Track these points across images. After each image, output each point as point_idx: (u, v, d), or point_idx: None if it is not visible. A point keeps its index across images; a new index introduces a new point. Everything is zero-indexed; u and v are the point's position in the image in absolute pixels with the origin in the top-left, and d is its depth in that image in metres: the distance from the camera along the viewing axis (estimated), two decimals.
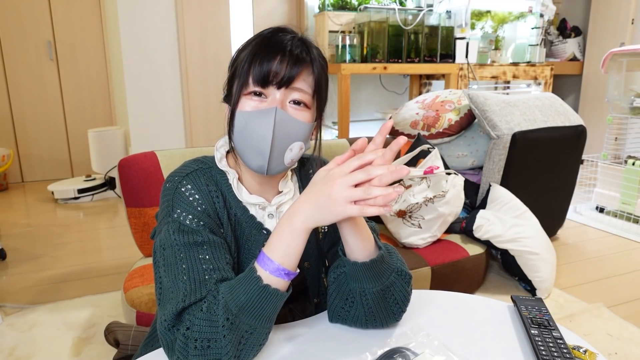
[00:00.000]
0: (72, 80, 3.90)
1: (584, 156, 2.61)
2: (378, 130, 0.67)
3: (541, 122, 2.16)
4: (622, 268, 2.17)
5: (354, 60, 3.03)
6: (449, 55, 3.23)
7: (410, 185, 1.82)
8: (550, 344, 0.68)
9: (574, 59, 4.06)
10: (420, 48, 3.16)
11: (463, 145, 2.27)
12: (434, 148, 1.94)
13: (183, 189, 0.76)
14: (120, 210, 3.17)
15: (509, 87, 3.61)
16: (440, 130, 2.22)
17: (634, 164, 2.67)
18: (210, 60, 3.34)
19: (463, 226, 1.92)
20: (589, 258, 2.30)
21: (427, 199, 1.76)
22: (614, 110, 2.85)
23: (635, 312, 1.78)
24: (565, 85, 4.33)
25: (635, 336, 1.60)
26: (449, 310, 0.82)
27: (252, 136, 0.74)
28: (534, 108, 2.22)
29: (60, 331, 1.64)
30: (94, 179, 3.47)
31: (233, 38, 3.43)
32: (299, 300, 0.93)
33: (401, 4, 3.42)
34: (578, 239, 2.56)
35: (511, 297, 0.83)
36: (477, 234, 1.86)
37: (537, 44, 3.45)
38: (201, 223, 0.74)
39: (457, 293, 0.88)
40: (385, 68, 3.03)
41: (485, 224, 1.86)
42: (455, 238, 1.91)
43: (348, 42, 2.98)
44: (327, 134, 3.60)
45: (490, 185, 2.09)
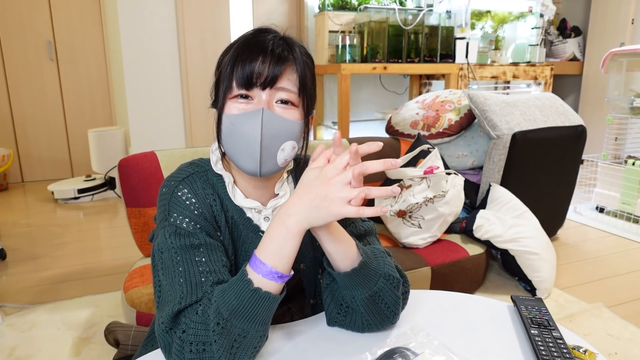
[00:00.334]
0: (72, 80, 3.90)
1: (584, 156, 2.61)
2: (332, 143, 0.68)
3: (541, 122, 2.16)
4: (622, 268, 2.17)
5: (354, 60, 3.03)
6: (449, 55, 3.23)
7: (410, 185, 1.82)
8: (550, 344, 0.68)
9: (574, 59, 4.06)
10: (420, 48, 3.16)
11: (463, 145, 2.27)
12: (434, 148, 1.94)
13: (179, 193, 0.76)
14: (120, 210, 3.17)
15: (509, 87, 3.61)
16: (440, 130, 2.22)
17: (634, 164, 2.67)
18: (210, 60, 3.34)
19: (463, 226, 1.92)
20: (589, 258, 2.30)
21: (427, 199, 1.76)
22: (614, 110, 2.85)
23: (635, 312, 1.78)
24: (565, 85, 4.33)
25: (635, 336, 1.60)
26: (449, 310, 0.82)
27: (241, 139, 0.73)
28: (534, 108, 2.22)
29: (60, 331, 1.64)
30: (94, 179, 3.47)
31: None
32: (297, 299, 0.93)
33: (401, 4, 3.42)
34: (578, 239, 2.56)
35: (511, 297, 0.83)
36: (477, 234, 1.86)
37: (537, 44, 3.45)
38: (198, 226, 0.74)
39: (457, 293, 0.89)
40: (385, 68, 3.03)
41: (485, 224, 1.86)
42: (455, 238, 1.91)
43: (348, 42, 2.98)
44: (327, 133, 3.61)
45: (490, 185, 2.09)
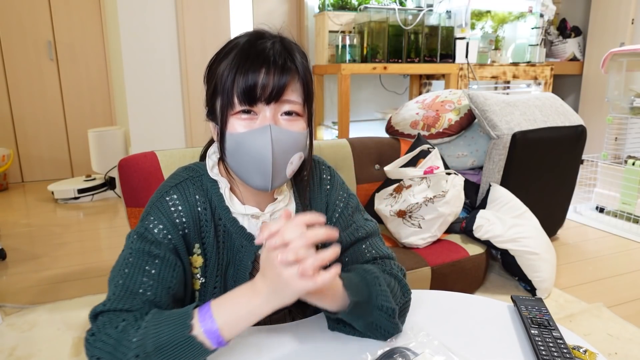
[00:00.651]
0: (72, 80, 3.90)
1: (584, 156, 2.61)
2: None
3: (541, 122, 2.16)
4: (622, 268, 2.17)
5: (354, 60, 3.03)
6: (449, 55, 3.23)
7: (410, 185, 1.82)
8: (550, 344, 0.68)
9: (574, 59, 4.06)
10: (420, 48, 3.16)
11: (463, 145, 2.27)
12: (434, 148, 1.94)
13: (167, 198, 0.75)
14: (120, 210, 3.17)
15: (509, 87, 3.61)
16: (440, 130, 2.22)
17: (634, 164, 2.67)
18: None
19: (463, 226, 1.92)
20: (589, 258, 2.30)
21: (427, 199, 1.76)
22: (614, 110, 2.85)
23: (635, 312, 1.78)
24: (565, 85, 4.33)
25: (635, 336, 1.60)
26: (449, 310, 0.82)
27: (250, 158, 0.71)
28: (534, 108, 2.22)
29: (60, 331, 1.64)
30: (94, 179, 3.47)
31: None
32: (298, 300, 0.93)
33: (401, 4, 3.42)
34: (578, 239, 2.56)
35: (511, 297, 0.83)
36: (477, 234, 1.86)
37: (537, 44, 3.45)
38: (169, 236, 0.72)
39: (457, 293, 0.88)
40: (385, 68, 3.03)
41: (485, 224, 1.86)
42: (455, 238, 1.91)
43: (348, 42, 2.98)
44: (327, 134, 3.61)
45: (490, 185, 2.09)
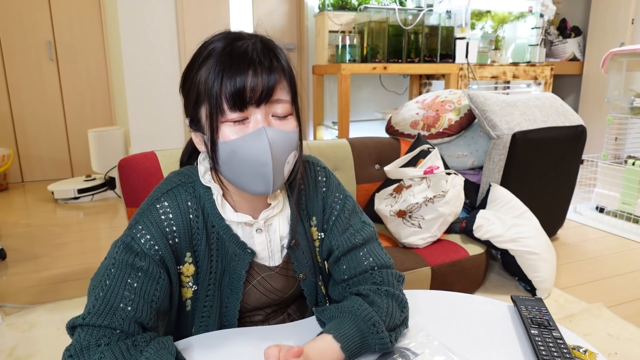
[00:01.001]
0: (72, 80, 3.90)
1: (584, 156, 2.61)
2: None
3: (541, 122, 2.16)
4: (622, 268, 2.17)
5: (354, 60, 3.03)
6: (449, 55, 3.23)
7: (410, 185, 1.82)
8: (550, 344, 0.68)
9: (574, 59, 4.06)
10: (420, 48, 3.16)
11: (463, 145, 2.27)
12: (434, 148, 1.94)
13: (158, 205, 0.73)
14: (120, 210, 3.17)
15: (509, 87, 3.61)
16: (440, 130, 2.22)
17: (634, 164, 2.67)
18: None
19: (463, 226, 1.92)
20: (589, 258, 2.30)
21: (427, 199, 1.76)
22: (614, 110, 2.85)
23: (635, 312, 1.78)
24: (565, 85, 4.33)
25: (635, 336, 1.60)
26: (449, 310, 0.82)
27: (247, 164, 0.68)
28: (534, 108, 2.22)
29: (60, 331, 1.64)
30: (94, 179, 3.47)
31: None
32: (297, 305, 0.92)
33: (401, 4, 3.42)
34: (578, 239, 2.56)
35: (511, 297, 0.83)
36: (477, 234, 1.86)
37: (537, 44, 3.45)
38: (156, 247, 0.71)
39: (457, 293, 0.88)
40: (385, 68, 3.03)
41: (485, 224, 1.85)
42: (455, 238, 1.91)
43: (348, 42, 2.98)
44: (327, 134, 3.61)
45: (490, 185, 2.09)
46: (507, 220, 1.88)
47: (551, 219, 2.39)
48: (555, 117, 2.24)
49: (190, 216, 0.74)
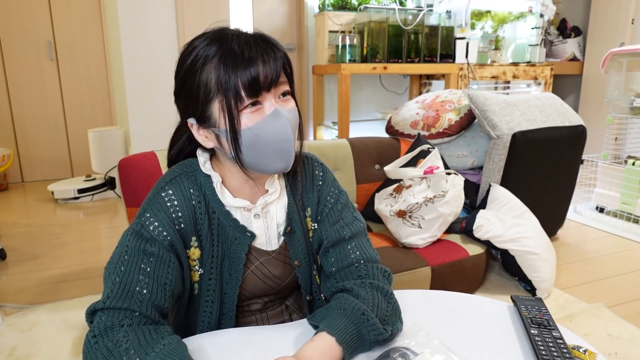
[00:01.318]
0: (72, 80, 3.90)
1: (584, 156, 2.61)
2: None
3: (541, 122, 2.16)
4: (622, 268, 2.17)
5: (354, 60, 3.03)
6: (449, 55, 3.23)
7: (410, 185, 1.82)
8: (550, 344, 0.68)
9: (574, 59, 4.06)
10: (420, 48, 3.16)
11: (463, 145, 2.27)
12: (434, 148, 1.94)
13: (163, 194, 0.77)
14: (120, 210, 3.17)
15: (509, 87, 3.61)
16: (440, 130, 2.22)
17: (634, 164, 2.67)
18: None
19: (463, 226, 1.92)
20: (589, 258, 2.30)
21: (427, 199, 1.76)
22: (614, 110, 2.85)
23: (635, 312, 1.78)
24: (565, 85, 4.33)
25: (635, 336, 1.60)
26: (449, 310, 0.82)
27: (271, 144, 0.74)
28: (534, 108, 2.22)
29: (60, 331, 1.64)
30: (94, 179, 3.47)
31: None
32: (294, 296, 0.94)
33: (401, 4, 3.42)
34: (578, 239, 2.56)
35: (511, 297, 0.83)
36: (477, 234, 1.86)
37: (537, 44, 3.45)
38: (164, 233, 0.74)
39: (457, 293, 0.88)
40: (385, 68, 3.03)
41: (485, 224, 1.85)
42: (455, 238, 1.91)
43: (348, 42, 2.98)
44: (327, 134, 3.61)
45: (490, 185, 2.09)
46: (507, 220, 1.88)
47: (551, 219, 2.39)
48: (555, 117, 2.24)
49: (193, 202, 0.79)
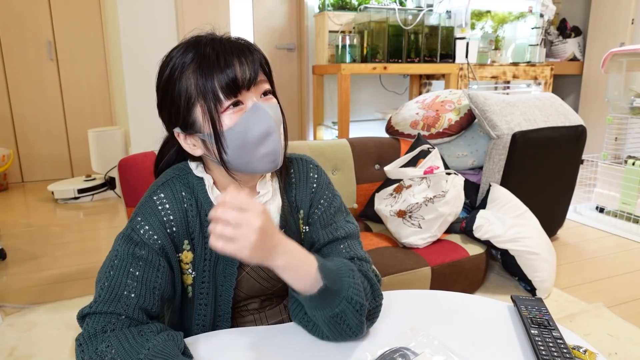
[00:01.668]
0: (72, 80, 3.90)
1: (584, 156, 2.61)
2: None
3: (541, 122, 2.16)
4: (622, 268, 2.17)
5: (354, 60, 3.03)
6: (449, 55, 3.23)
7: (410, 185, 1.82)
8: (550, 344, 0.68)
9: (574, 59, 4.06)
10: (420, 48, 3.16)
11: (463, 145, 2.27)
12: (434, 148, 1.94)
13: (155, 197, 0.78)
14: (120, 210, 3.17)
15: (509, 87, 3.61)
16: (440, 130, 2.22)
17: (634, 164, 2.67)
18: None
19: (463, 226, 1.92)
20: (589, 258, 2.30)
21: (427, 199, 1.76)
22: (614, 110, 2.85)
23: (635, 312, 1.78)
24: (565, 85, 4.33)
25: (635, 336, 1.60)
26: (449, 310, 0.82)
27: (257, 140, 0.73)
28: (534, 108, 2.22)
29: (60, 331, 1.64)
30: (94, 179, 3.47)
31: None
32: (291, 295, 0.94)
33: (401, 4, 3.42)
34: (578, 239, 2.56)
35: (511, 297, 0.83)
36: (477, 234, 1.86)
37: (537, 44, 3.45)
38: (155, 237, 0.74)
39: (457, 293, 0.88)
40: (385, 68, 3.03)
41: (485, 224, 1.86)
42: (455, 238, 1.91)
43: (348, 42, 2.98)
44: (327, 134, 3.61)
45: (490, 185, 2.09)
46: (507, 220, 1.88)
47: (551, 219, 2.39)
48: (555, 117, 2.24)
49: (185, 206, 0.79)
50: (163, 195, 0.78)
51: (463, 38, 3.15)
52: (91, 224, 2.89)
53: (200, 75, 0.71)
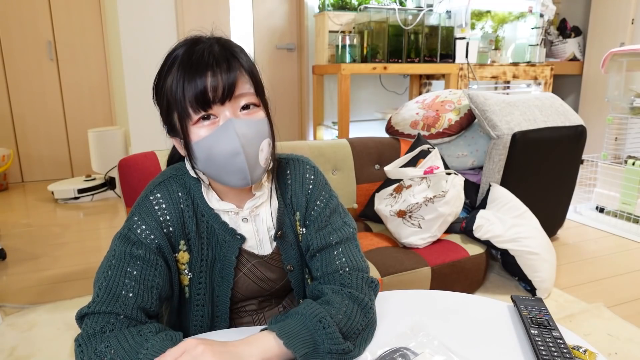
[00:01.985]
0: (72, 80, 3.90)
1: (584, 156, 2.61)
2: None
3: (541, 122, 2.16)
4: (622, 268, 2.17)
5: (354, 60, 3.03)
6: (449, 55, 3.23)
7: (410, 185, 1.82)
8: (550, 344, 0.68)
9: (574, 59, 4.06)
10: (420, 48, 3.16)
11: (463, 145, 2.27)
12: (434, 148, 1.94)
13: (151, 197, 0.78)
14: (120, 210, 3.17)
15: (509, 87, 3.61)
16: (440, 130, 2.22)
17: (634, 164, 2.67)
18: None
19: (463, 226, 1.92)
20: (589, 258, 2.30)
21: (427, 199, 1.76)
22: (614, 110, 2.85)
23: (635, 312, 1.78)
24: (565, 85, 4.33)
25: (635, 336, 1.60)
26: (449, 310, 0.82)
27: (222, 158, 0.71)
28: (534, 108, 2.22)
29: (60, 331, 1.64)
30: (94, 179, 3.47)
31: (233, 38, 3.43)
32: (290, 298, 0.94)
33: (401, 4, 3.42)
34: (578, 239, 2.56)
35: (511, 297, 0.83)
36: (477, 234, 1.86)
37: (537, 44, 3.45)
38: (152, 236, 0.74)
39: (457, 293, 0.88)
40: (385, 68, 3.03)
41: (485, 224, 1.86)
42: (455, 238, 1.91)
43: (348, 42, 2.98)
44: (327, 134, 3.61)
45: (490, 185, 2.09)
46: (507, 220, 1.88)
47: (551, 219, 2.39)
48: (555, 117, 2.24)
49: (181, 206, 0.79)
50: (160, 195, 0.78)
51: (463, 38, 3.15)
52: (91, 224, 2.89)
53: (176, 80, 0.70)
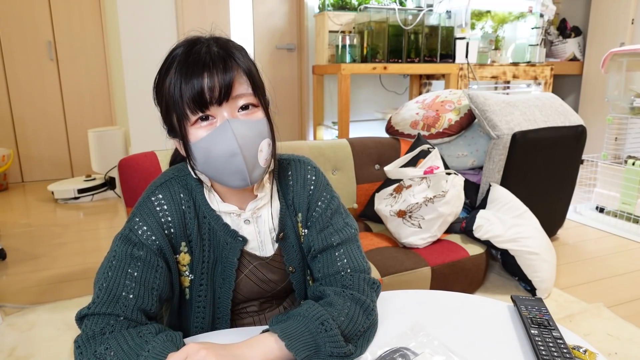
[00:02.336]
0: (72, 80, 3.90)
1: (584, 156, 2.61)
2: None
3: (541, 122, 2.16)
4: (622, 268, 2.17)
5: (354, 60, 3.03)
6: (449, 55, 3.23)
7: (410, 185, 1.82)
8: (550, 344, 0.68)
9: (574, 59, 4.06)
10: (420, 48, 3.16)
11: (463, 145, 2.27)
12: (434, 148, 1.94)
13: (153, 198, 0.77)
14: (120, 210, 3.17)
15: (509, 87, 3.61)
16: (440, 130, 2.22)
17: (634, 164, 2.67)
18: None
19: (463, 226, 1.92)
20: (589, 258, 2.30)
21: (427, 199, 1.76)
22: (614, 110, 2.85)
23: (635, 312, 1.78)
24: (565, 85, 4.33)
25: (635, 336, 1.60)
26: (449, 310, 0.82)
27: (220, 159, 0.71)
28: (534, 108, 2.22)
29: (60, 331, 1.64)
30: (94, 179, 3.47)
31: (233, 38, 3.43)
32: (291, 299, 0.93)
33: (401, 4, 3.42)
34: (578, 239, 2.56)
35: (511, 297, 0.83)
36: (477, 234, 1.86)
37: (537, 44, 3.45)
38: (153, 238, 0.74)
39: (457, 293, 0.88)
40: (385, 68, 3.03)
41: (485, 224, 1.85)
42: (455, 238, 1.91)
43: (348, 42, 2.98)
44: (327, 134, 3.61)
45: (490, 185, 2.09)
46: (507, 220, 1.88)
47: (551, 219, 2.39)
48: (555, 117, 2.24)
49: (183, 207, 0.78)
50: (161, 196, 0.77)
51: (463, 38, 3.15)
52: (91, 224, 2.89)
53: (173, 81, 0.70)
